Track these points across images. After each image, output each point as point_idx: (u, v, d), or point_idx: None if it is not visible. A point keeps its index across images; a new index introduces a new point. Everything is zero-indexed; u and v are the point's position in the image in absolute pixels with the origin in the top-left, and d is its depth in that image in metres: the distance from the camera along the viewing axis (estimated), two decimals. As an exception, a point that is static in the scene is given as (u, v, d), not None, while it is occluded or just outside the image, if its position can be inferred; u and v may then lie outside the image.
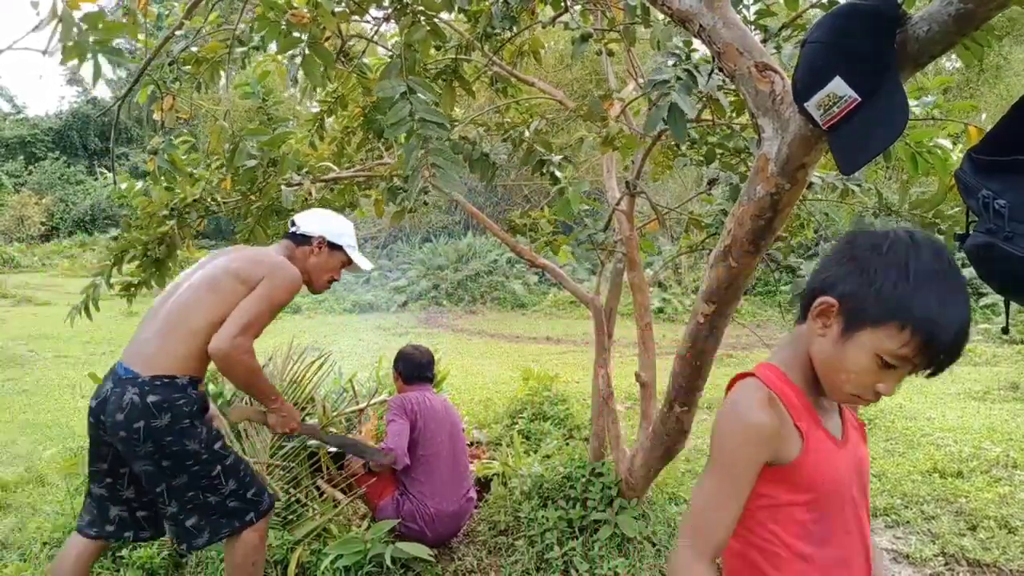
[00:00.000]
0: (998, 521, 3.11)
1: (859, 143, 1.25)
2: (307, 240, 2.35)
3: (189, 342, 2.05)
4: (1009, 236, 1.06)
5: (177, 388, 2.02)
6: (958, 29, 1.22)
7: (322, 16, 1.90)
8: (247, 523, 2.14)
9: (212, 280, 2.13)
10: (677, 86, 1.80)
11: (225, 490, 2.09)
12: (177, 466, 2.02)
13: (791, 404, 1.06)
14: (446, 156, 1.65)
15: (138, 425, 1.96)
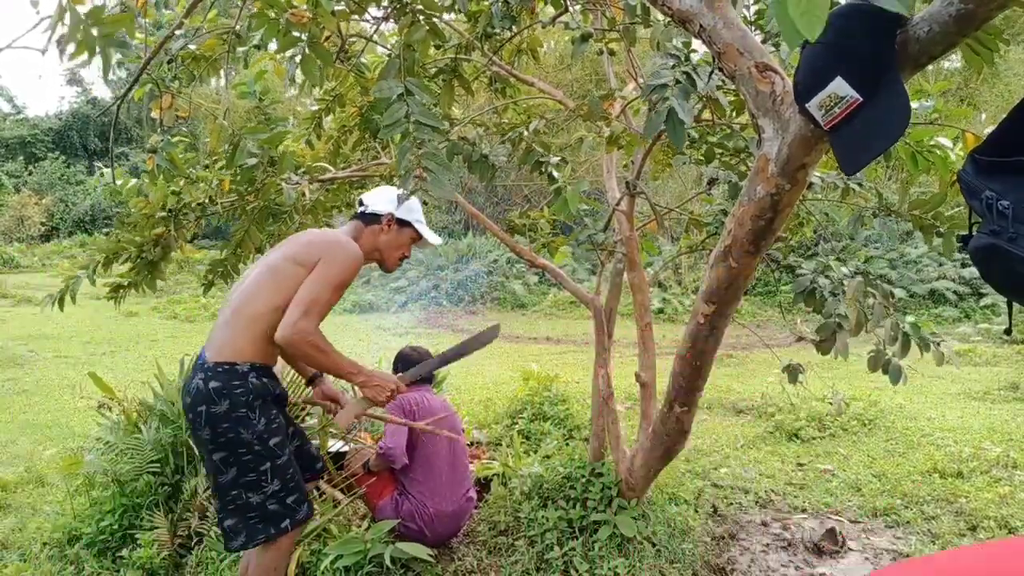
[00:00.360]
0: (998, 521, 3.11)
1: (861, 143, 1.25)
2: (376, 218, 2.34)
3: (251, 328, 2.07)
4: (1013, 237, 1.06)
5: (237, 375, 2.03)
6: (959, 30, 1.21)
7: (322, 16, 1.90)
8: (282, 530, 2.10)
9: (272, 266, 2.15)
10: (675, 91, 1.80)
11: (268, 489, 2.07)
12: (229, 457, 2.03)
13: None
14: (439, 160, 1.65)
15: (200, 409, 2.01)
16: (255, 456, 2.04)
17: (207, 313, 12.12)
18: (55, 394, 6.23)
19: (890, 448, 4.27)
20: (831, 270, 2.60)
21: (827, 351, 2.52)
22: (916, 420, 4.86)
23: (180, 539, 2.78)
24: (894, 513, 3.29)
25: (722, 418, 5.20)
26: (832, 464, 4.01)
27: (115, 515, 2.87)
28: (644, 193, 2.73)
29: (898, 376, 2.52)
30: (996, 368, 7.06)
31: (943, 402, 5.59)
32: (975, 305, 10.36)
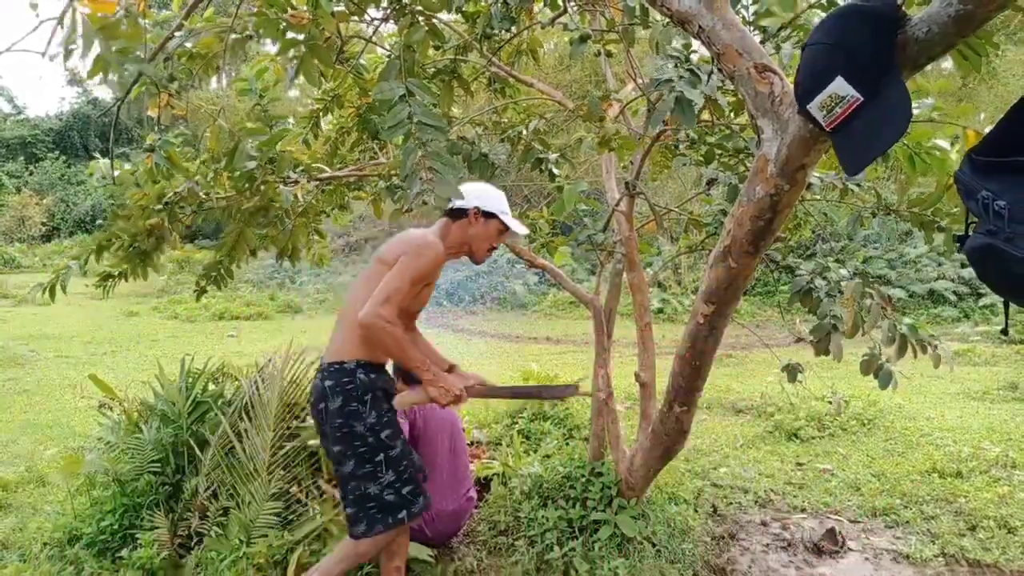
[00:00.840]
0: (998, 521, 3.12)
1: (863, 143, 1.25)
2: (462, 213, 2.40)
3: (354, 328, 2.20)
4: (1010, 237, 1.06)
5: (346, 372, 2.20)
6: (958, 31, 1.22)
7: (321, 17, 1.90)
8: (399, 521, 2.22)
9: (367, 269, 2.34)
10: (682, 82, 1.81)
11: (383, 480, 2.20)
12: (346, 449, 2.19)
13: None
14: (444, 160, 1.66)
15: (320, 407, 2.21)
16: (369, 448, 2.19)
17: (207, 313, 12.12)
18: (56, 394, 6.23)
19: (889, 448, 4.27)
20: (829, 271, 2.61)
21: (823, 352, 2.53)
22: (915, 420, 4.86)
23: (180, 539, 2.78)
24: (893, 513, 3.29)
25: (721, 418, 5.20)
26: (831, 464, 4.01)
27: (115, 515, 2.87)
28: (643, 193, 2.73)
29: (888, 381, 2.52)
30: (995, 368, 7.06)
31: (942, 402, 5.59)
32: (974, 305, 10.35)
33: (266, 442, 2.97)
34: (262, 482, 2.82)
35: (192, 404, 3.18)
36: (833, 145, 1.34)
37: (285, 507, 2.83)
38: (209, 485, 2.90)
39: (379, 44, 2.69)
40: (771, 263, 2.73)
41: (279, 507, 2.79)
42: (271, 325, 11.49)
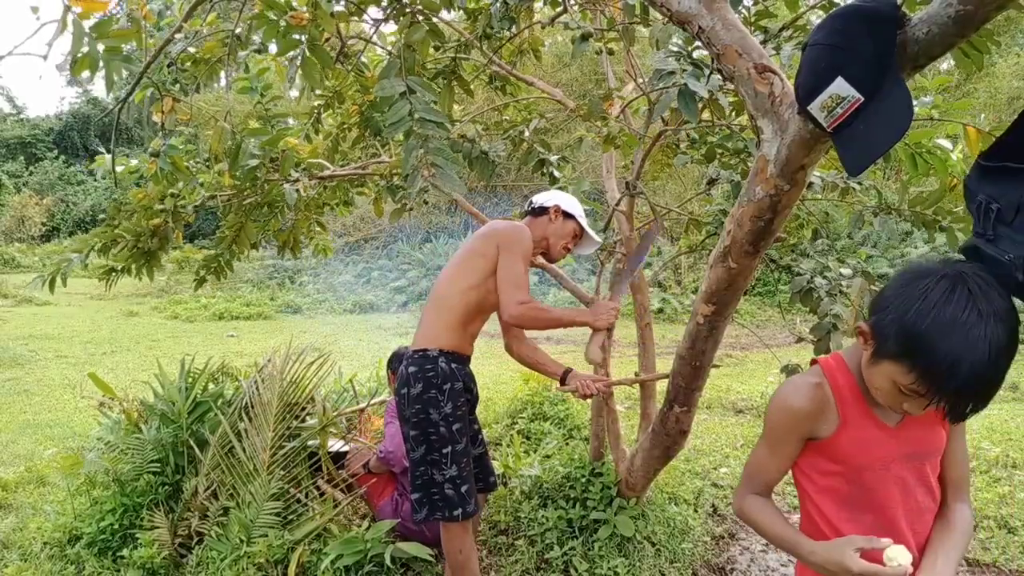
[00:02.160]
0: (997, 521, 3.11)
1: (865, 143, 1.25)
2: (544, 211, 2.52)
3: (441, 316, 2.31)
4: (991, 238, 1.07)
5: (429, 360, 2.27)
6: (958, 31, 1.21)
7: (321, 18, 1.90)
8: (454, 518, 2.26)
9: (458, 259, 2.40)
10: (685, 75, 1.81)
11: (447, 473, 2.25)
12: (420, 435, 2.24)
13: (838, 391, 1.23)
14: (446, 155, 1.66)
15: (403, 392, 2.28)
16: (439, 437, 2.24)
17: (207, 313, 12.13)
18: (56, 394, 6.24)
19: (890, 448, 4.27)
20: (829, 270, 2.60)
21: (824, 351, 2.52)
22: (916, 420, 4.85)
23: (180, 539, 2.78)
24: (894, 513, 3.29)
25: (722, 418, 5.20)
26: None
27: (115, 515, 2.87)
28: (643, 193, 2.73)
29: None
30: (996, 368, 7.06)
31: (943, 402, 5.58)
32: (975, 305, 10.35)
33: (266, 442, 2.97)
34: (262, 482, 2.82)
35: (192, 404, 3.17)
36: (835, 146, 1.33)
37: (285, 507, 2.83)
38: (209, 485, 2.90)
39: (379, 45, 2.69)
40: (771, 263, 2.73)
41: (279, 507, 2.79)
42: (271, 325, 11.50)
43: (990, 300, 1.02)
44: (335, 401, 3.67)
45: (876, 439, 1.22)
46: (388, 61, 1.94)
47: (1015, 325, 1.03)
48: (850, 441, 1.22)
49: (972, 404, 1.05)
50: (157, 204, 2.87)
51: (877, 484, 1.22)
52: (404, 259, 14.96)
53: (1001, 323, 1.01)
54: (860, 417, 1.22)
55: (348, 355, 7.19)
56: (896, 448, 1.22)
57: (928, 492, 1.24)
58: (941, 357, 1.01)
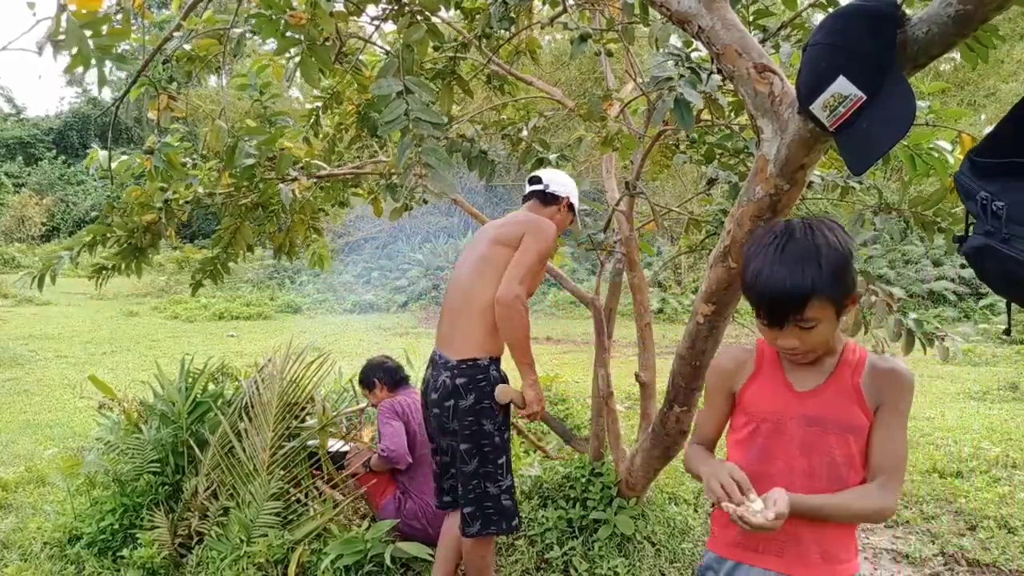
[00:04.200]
0: (997, 521, 3.11)
1: (867, 142, 1.25)
2: (556, 200, 2.43)
3: (483, 321, 2.18)
4: (1006, 238, 1.06)
5: (480, 369, 2.18)
6: (957, 30, 1.21)
7: (320, 17, 1.90)
8: (513, 528, 2.24)
9: (483, 257, 2.26)
10: (682, 81, 1.81)
11: (503, 484, 2.21)
12: (473, 448, 2.17)
13: (761, 353, 1.40)
14: (439, 156, 1.66)
15: (448, 404, 2.17)
16: (494, 448, 2.19)
17: (207, 313, 12.12)
18: (56, 394, 6.23)
19: (890, 448, 4.27)
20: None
21: (824, 351, 2.51)
22: (915, 420, 4.85)
23: (180, 539, 2.78)
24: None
25: (722, 418, 5.20)
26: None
27: (115, 515, 2.87)
28: (643, 193, 2.73)
29: None
30: (995, 368, 7.06)
31: (942, 402, 5.59)
32: (974, 305, 10.35)
33: (266, 442, 2.96)
34: (262, 482, 2.82)
35: (192, 404, 3.17)
36: (837, 145, 1.33)
37: (285, 507, 2.83)
38: (209, 485, 2.90)
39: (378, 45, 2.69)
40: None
41: (279, 507, 2.79)
42: (271, 325, 11.50)
43: (807, 232, 1.21)
44: (335, 401, 3.67)
45: (777, 394, 1.35)
46: (386, 60, 1.94)
47: (828, 250, 1.19)
48: (753, 392, 1.38)
49: (781, 309, 1.21)
50: (156, 199, 2.85)
51: (772, 438, 1.34)
52: (404, 259, 14.96)
53: (795, 242, 1.20)
54: (770, 374, 1.36)
55: (348, 355, 7.19)
56: (795, 409, 1.32)
57: (829, 464, 1.29)
58: (748, 275, 1.24)
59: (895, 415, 1.27)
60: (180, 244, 3.19)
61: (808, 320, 1.21)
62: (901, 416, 1.27)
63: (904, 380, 1.28)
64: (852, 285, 1.22)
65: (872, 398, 1.28)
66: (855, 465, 1.28)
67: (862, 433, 1.28)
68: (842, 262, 1.19)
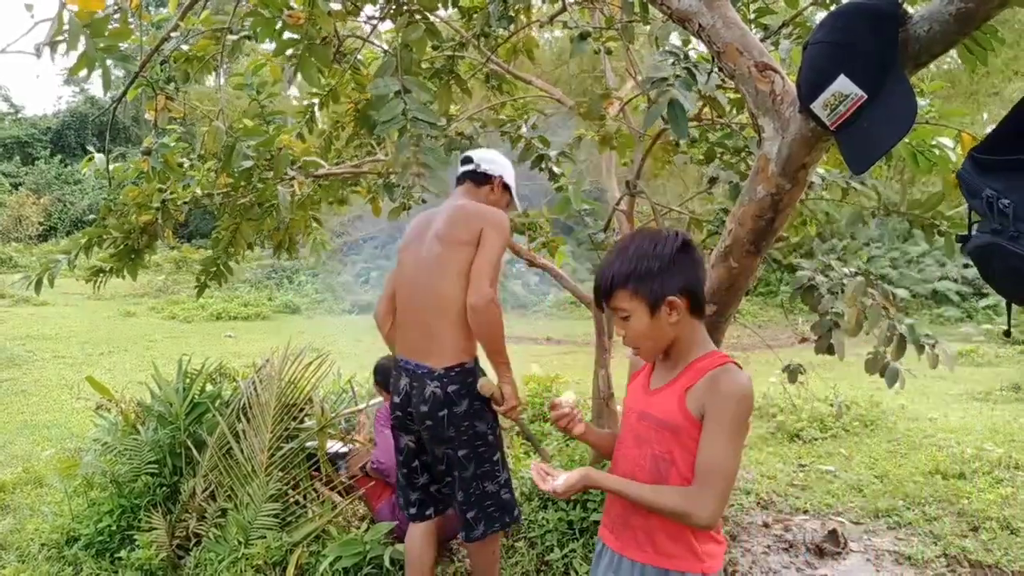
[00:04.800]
0: (1000, 522, 3.10)
1: (868, 141, 1.24)
2: (487, 180, 2.32)
3: (461, 325, 2.10)
4: (1015, 236, 1.04)
5: (469, 372, 2.13)
6: (959, 28, 1.20)
7: (318, 17, 1.88)
8: (516, 519, 2.23)
9: (441, 258, 2.14)
10: (676, 83, 1.79)
11: (501, 478, 2.18)
12: (470, 452, 2.13)
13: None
14: (436, 156, 1.65)
15: (442, 414, 2.09)
16: (488, 446, 2.15)
17: (205, 314, 12.10)
18: (53, 394, 6.22)
19: (892, 449, 4.26)
20: (831, 269, 2.59)
21: (824, 349, 2.51)
22: (918, 421, 4.84)
23: (178, 540, 2.77)
24: (896, 514, 3.28)
25: (722, 418, 5.19)
26: (834, 465, 4.00)
27: (113, 516, 2.85)
28: (644, 192, 2.72)
29: (894, 379, 2.51)
30: (998, 369, 7.06)
31: (945, 403, 5.58)
32: (977, 305, 10.34)
33: (264, 443, 2.95)
34: (260, 483, 2.81)
35: (190, 405, 3.16)
36: (837, 144, 1.32)
37: (283, 508, 2.82)
38: (207, 486, 2.89)
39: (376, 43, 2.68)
40: (773, 262, 2.72)
41: (277, 508, 2.78)
42: (269, 325, 11.49)
43: (643, 237, 1.36)
44: (333, 402, 3.65)
45: (636, 389, 1.46)
46: (384, 60, 1.92)
47: (643, 254, 1.32)
48: (631, 386, 1.50)
49: (596, 293, 1.39)
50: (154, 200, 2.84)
51: (624, 427, 1.46)
52: (404, 259, 14.93)
53: (628, 243, 1.37)
54: (646, 372, 1.46)
55: (346, 356, 7.17)
56: (639, 404, 1.42)
57: (651, 457, 1.36)
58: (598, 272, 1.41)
59: (713, 424, 1.28)
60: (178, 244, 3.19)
61: (620, 310, 1.35)
62: (719, 426, 1.27)
63: (723, 391, 1.28)
64: (663, 290, 1.31)
65: (695, 404, 1.30)
66: (676, 463, 1.32)
67: (680, 434, 1.31)
68: (651, 267, 1.31)
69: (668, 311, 1.32)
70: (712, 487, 1.26)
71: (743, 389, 1.28)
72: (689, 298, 1.33)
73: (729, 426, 1.27)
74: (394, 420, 2.25)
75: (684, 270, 1.33)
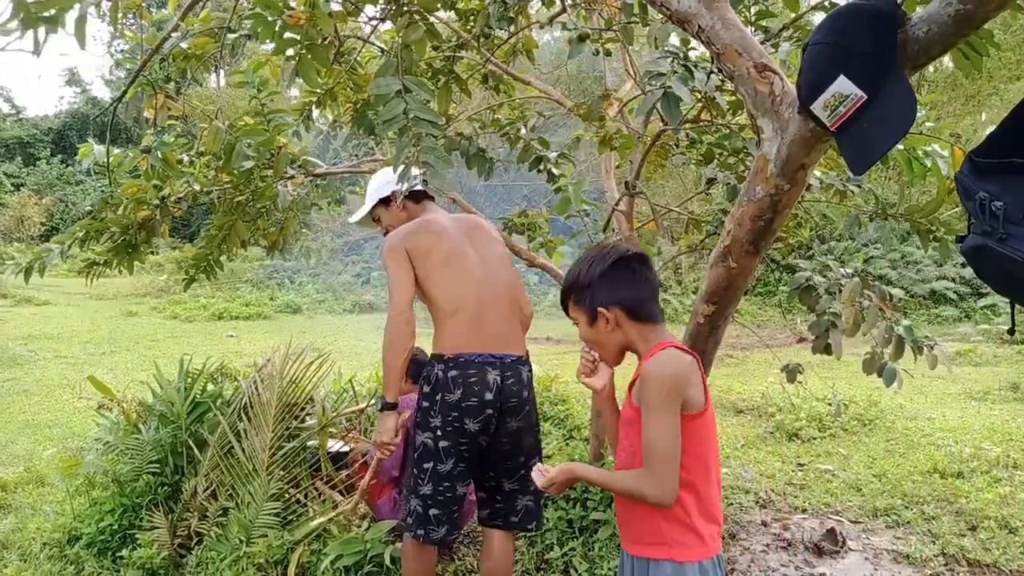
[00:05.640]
0: (998, 521, 3.11)
1: (868, 141, 1.25)
2: (388, 201, 2.41)
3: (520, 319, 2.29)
4: (1003, 237, 1.06)
5: (529, 364, 2.26)
6: (957, 30, 1.21)
7: (318, 17, 1.89)
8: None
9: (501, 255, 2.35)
10: (674, 77, 1.80)
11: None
12: (533, 440, 2.26)
13: None
14: (437, 154, 1.66)
15: (526, 395, 2.19)
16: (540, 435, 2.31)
17: (207, 313, 12.11)
18: (55, 394, 6.23)
19: (890, 448, 4.26)
20: (830, 270, 2.60)
21: (822, 349, 2.52)
22: (916, 420, 4.85)
23: (180, 539, 2.78)
24: (894, 513, 3.29)
25: (722, 418, 5.20)
26: (832, 464, 4.01)
27: (115, 515, 2.86)
28: (643, 193, 2.73)
29: (892, 379, 2.52)
30: (996, 368, 7.06)
31: (943, 402, 5.58)
32: (975, 305, 10.34)
33: (265, 442, 2.96)
34: (261, 482, 2.82)
35: (191, 405, 3.17)
36: (838, 144, 1.33)
37: (284, 507, 2.83)
38: (208, 485, 2.90)
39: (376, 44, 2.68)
40: (772, 263, 2.73)
41: (278, 507, 2.79)
42: (270, 325, 11.49)
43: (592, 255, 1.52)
44: (335, 402, 3.66)
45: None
46: (385, 60, 1.93)
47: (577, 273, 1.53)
48: None
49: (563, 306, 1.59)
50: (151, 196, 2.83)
51: None
52: (403, 259, 14.92)
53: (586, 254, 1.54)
54: None
55: (348, 355, 7.18)
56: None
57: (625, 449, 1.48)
58: None
59: (643, 408, 1.38)
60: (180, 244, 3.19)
61: (573, 319, 1.57)
62: (647, 408, 1.37)
63: (645, 376, 1.39)
64: (594, 302, 1.48)
65: (636, 397, 1.43)
66: (637, 454, 1.40)
67: (635, 425, 1.41)
68: (584, 282, 1.50)
69: (604, 321, 1.47)
70: (651, 465, 1.35)
71: (660, 368, 1.38)
72: (624, 308, 1.46)
73: (653, 405, 1.36)
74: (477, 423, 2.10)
75: (615, 284, 1.47)
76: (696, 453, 1.38)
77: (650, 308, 1.48)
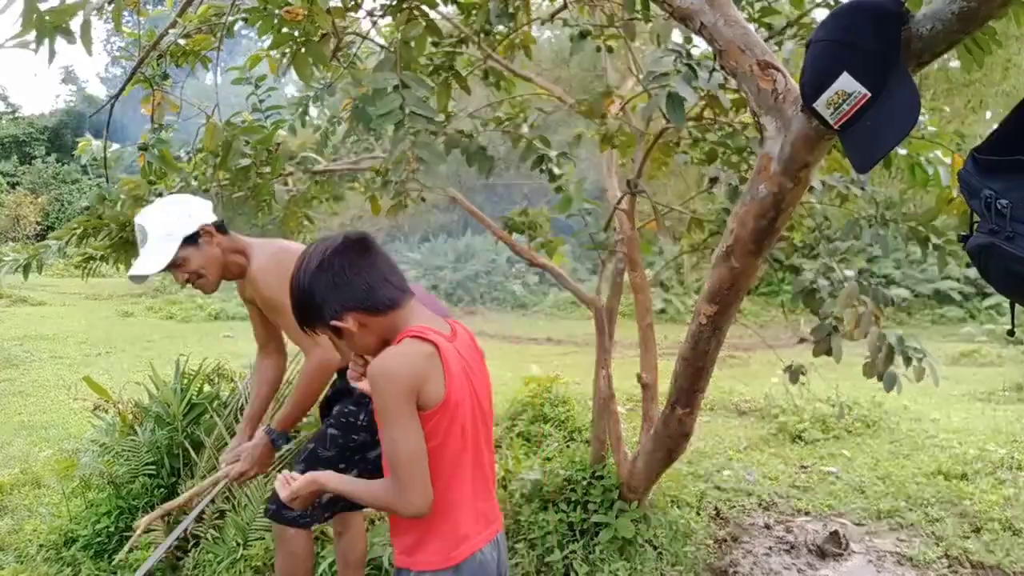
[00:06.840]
0: (1002, 523, 3.09)
1: (873, 139, 1.23)
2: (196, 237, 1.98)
3: None
4: (1010, 236, 1.04)
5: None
6: (961, 27, 1.20)
7: (317, 14, 1.87)
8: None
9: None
10: (677, 77, 1.78)
11: None
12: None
13: None
14: (432, 150, 1.63)
15: None
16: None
17: (203, 314, 12.07)
18: (51, 395, 6.20)
19: (894, 450, 4.24)
20: (833, 271, 2.58)
21: (823, 352, 2.50)
22: (920, 421, 4.82)
23: (177, 542, 2.76)
24: (898, 515, 3.26)
25: (725, 420, 5.17)
26: (836, 466, 3.98)
27: (111, 517, 2.85)
28: (645, 191, 2.70)
29: (892, 384, 2.50)
30: (1001, 369, 7.04)
31: (947, 403, 5.56)
32: (980, 305, 10.33)
33: (263, 444, 2.93)
34: (258, 484, 2.79)
35: (187, 406, 3.15)
36: (841, 142, 1.31)
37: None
38: (205, 488, 2.87)
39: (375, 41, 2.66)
40: (775, 263, 2.70)
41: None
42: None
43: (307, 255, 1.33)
44: (333, 402, 3.63)
45: None
46: (384, 55, 1.91)
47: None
48: None
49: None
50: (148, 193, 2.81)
51: None
52: (402, 259, 14.92)
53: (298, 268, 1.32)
54: None
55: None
56: None
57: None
58: None
59: (378, 416, 1.25)
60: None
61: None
62: (380, 415, 1.25)
63: (370, 379, 1.26)
64: (324, 317, 1.30)
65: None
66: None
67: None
68: (300, 308, 1.33)
69: (349, 331, 1.31)
70: (396, 475, 1.24)
71: (384, 368, 1.24)
72: (358, 310, 1.29)
73: (384, 411, 1.24)
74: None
75: (336, 288, 1.29)
76: (445, 451, 1.27)
77: (383, 294, 1.30)
